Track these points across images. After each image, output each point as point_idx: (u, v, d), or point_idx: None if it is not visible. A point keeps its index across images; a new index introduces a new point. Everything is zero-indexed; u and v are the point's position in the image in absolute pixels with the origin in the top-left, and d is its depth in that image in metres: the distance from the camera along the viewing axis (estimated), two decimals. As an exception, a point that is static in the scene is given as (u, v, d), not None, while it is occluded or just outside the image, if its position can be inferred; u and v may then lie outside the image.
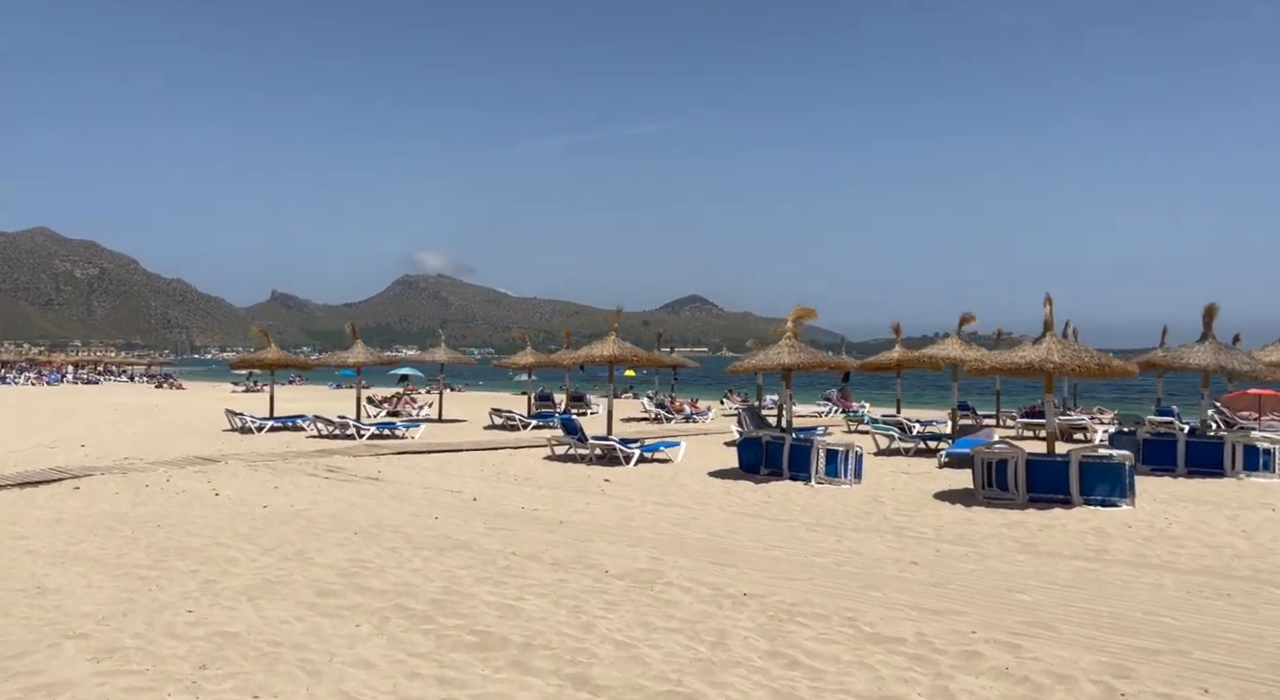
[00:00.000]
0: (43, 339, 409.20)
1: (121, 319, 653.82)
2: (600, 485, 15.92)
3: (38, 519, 12.62)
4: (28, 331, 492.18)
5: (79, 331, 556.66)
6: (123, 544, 10.85)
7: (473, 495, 14.66)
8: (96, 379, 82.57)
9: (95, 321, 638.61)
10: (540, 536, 11.15)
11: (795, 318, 16.49)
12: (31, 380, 73.58)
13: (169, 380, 73.87)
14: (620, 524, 11.97)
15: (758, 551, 10.07)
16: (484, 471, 17.91)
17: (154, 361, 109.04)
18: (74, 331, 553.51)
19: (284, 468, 18.15)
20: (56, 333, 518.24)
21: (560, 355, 20.80)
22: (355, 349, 27.86)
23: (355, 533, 11.47)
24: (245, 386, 63.20)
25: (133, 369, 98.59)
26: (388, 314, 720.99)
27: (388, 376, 57.90)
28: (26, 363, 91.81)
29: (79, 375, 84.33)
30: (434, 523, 12.20)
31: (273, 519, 12.54)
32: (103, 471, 17.22)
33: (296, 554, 10.22)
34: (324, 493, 14.97)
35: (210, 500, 14.23)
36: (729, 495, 14.64)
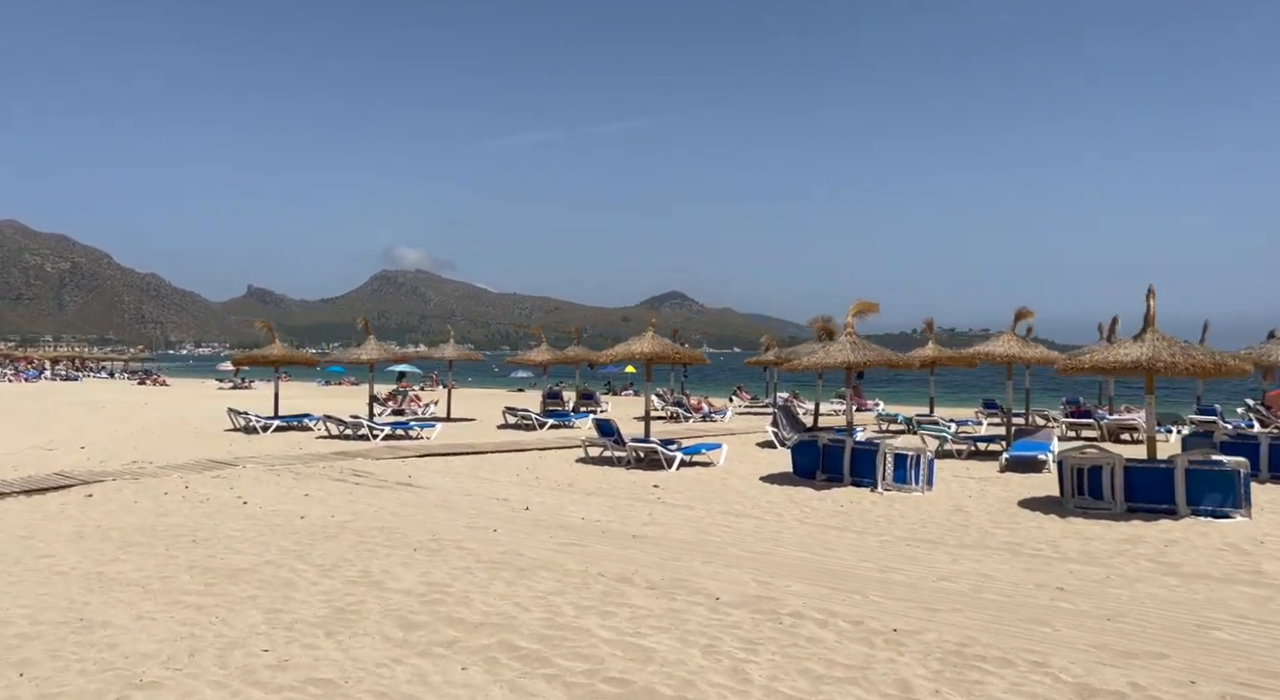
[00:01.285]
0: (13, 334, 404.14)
1: (94, 314, 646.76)
2: (651, 492, 14.97)
3: (57, 533, 11.55)
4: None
5: (50, 327, 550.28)
6: (161, 563, 9.80)
7: (523, 504, 13.67)
8: (76, 375, 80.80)
9: (67, 316, 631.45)
10: (619, 553, 10.18)
11: (856, 312, 15.55)
12: (9, 377, 71.81)
13: (152, 377, 72.27)
14: (698, 539, 11.01)
15: (872, 574, 9.13)
16: (520, 476, 16.91)
17: (134, 357, 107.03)
18: (45, 327, 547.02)
19: (306, 472, 17.09)
20: (27, 328, 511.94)
21: (596, 353, 19.73)
22: (368, 345, 26.72)
23: (414, 549, 10.46)
24: (233, 383, 61.78)
25: (112, 365, 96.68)
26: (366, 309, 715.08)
27: (385, 373, 56.56)
28: (3, 358, 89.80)
29: (57, 371, 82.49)
30: (495, 536, 11.21)
31: (316, 532, 11.51)
32: (114, 477, 16.12)
33: (361, 576, 9.20)
34: (361, 501, 13.93)
35: (239, 510, 13.18)
36: (794, 504, 13.71)
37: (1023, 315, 18.41)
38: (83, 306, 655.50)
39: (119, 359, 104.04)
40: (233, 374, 65.81)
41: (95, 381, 75.05)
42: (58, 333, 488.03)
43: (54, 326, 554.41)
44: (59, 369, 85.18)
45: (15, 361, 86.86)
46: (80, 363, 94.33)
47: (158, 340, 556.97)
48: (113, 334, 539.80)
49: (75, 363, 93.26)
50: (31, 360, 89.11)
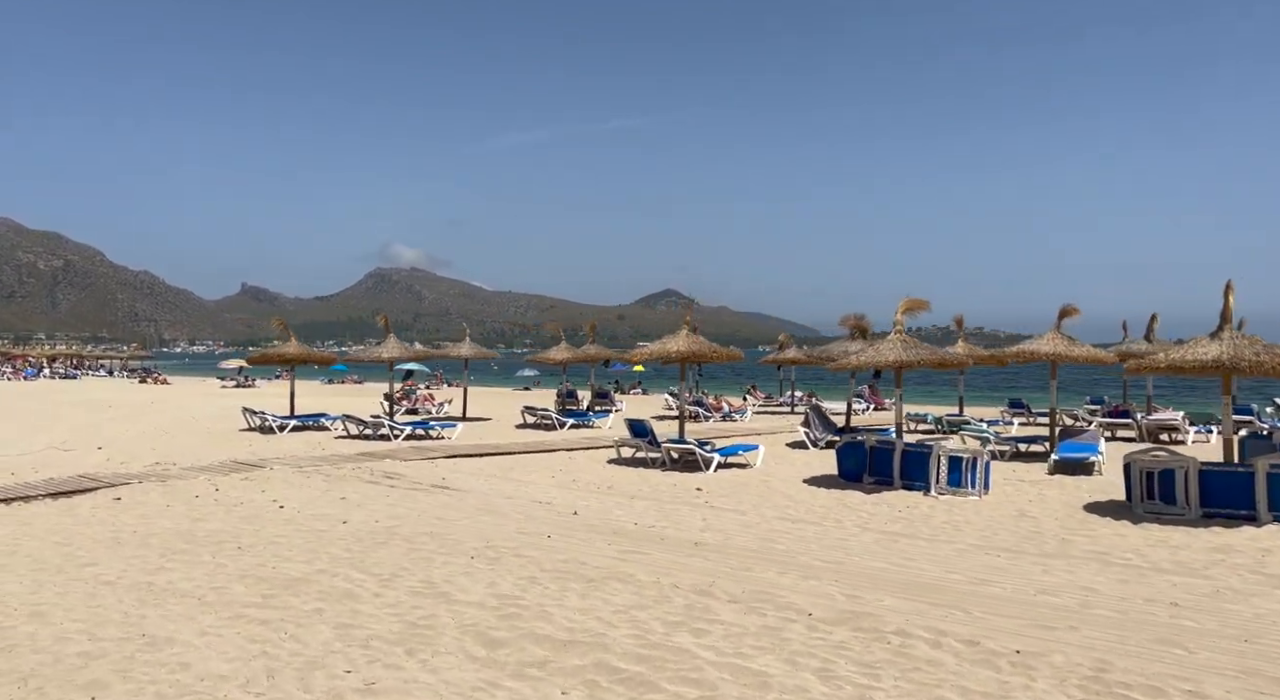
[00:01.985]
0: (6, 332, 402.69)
1: (87, 312, 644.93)
2: (695, 495, 14.53)
3: (93, 538, 11.08)
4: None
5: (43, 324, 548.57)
6: (211, 572, 9.34)
7: (568, 508, 13.23)
8: (74, 374, 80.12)
9: (60, 314, 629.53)
10: (685, 563, 9.73)
11: (905, 310, 15.09)
12: (9, 375, 71.14)
13: (152, 375, 71.66)
14: (762, 547, 10.55)
15: (963, 586, 8.68)
16: (555, 477, 16.47)
17: (133, 355, 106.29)
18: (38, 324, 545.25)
19: (337, 474, 16.62)
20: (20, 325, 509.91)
21: (633, 352, 19.25)
22: (389, 343, 26.22)
23: (471, 557, 10.01)
24: (236, 381, 61.20)
25: (111, 363, 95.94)
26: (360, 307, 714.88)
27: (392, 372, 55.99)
28: (1, 357, 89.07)
29: (56, 370, 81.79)
30: (550, 543, 10.77)
31: (364, 538, 11.06)
32: (139, 480, 15.65)
33: (425, 586, 8.75)
34: (400, 505, 13.48)
35: (277, 514, 12.72)
36: (848, 508, 13.28)
37: (1067, 313, 17.95)
38: (76, 304, 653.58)
39: (118, 357, 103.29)
40: (235, 372, 65.21)
41: (94, 380, 74.44)
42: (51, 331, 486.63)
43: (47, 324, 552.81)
44: (57, 367, 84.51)
45: (13, 360, 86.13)
46: (79, 361, 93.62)
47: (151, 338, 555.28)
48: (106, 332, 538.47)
49: (73, 361, 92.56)
50: (30, 358, 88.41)
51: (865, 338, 21.26)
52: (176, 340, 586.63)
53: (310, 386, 62.57)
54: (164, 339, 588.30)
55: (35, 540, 11.01)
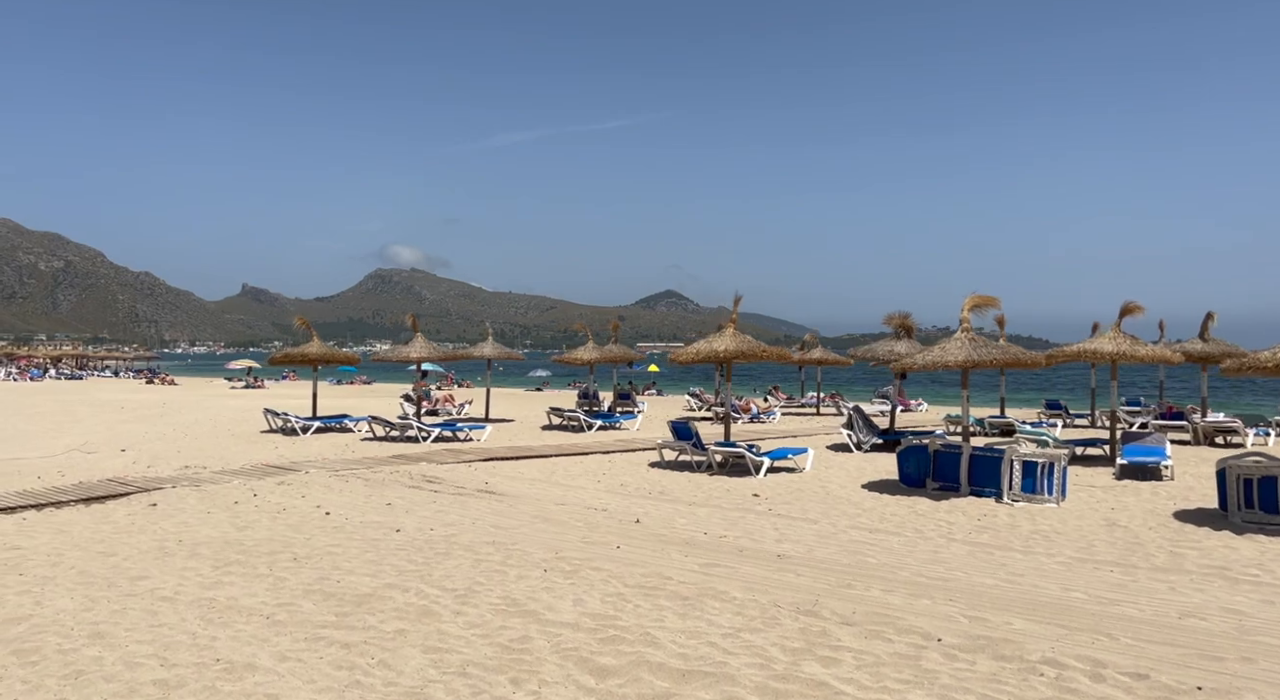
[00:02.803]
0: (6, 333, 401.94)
1: (88, 312, 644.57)
2: (753, 502, 13.91)
3: (137, 548, 10.46)
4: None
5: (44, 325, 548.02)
6: (272, 587, 8.72)
7: (628, 515, 12.60)
8: (80, 374, 79.45)
9: (60, 315, 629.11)
10: (776, 578, 9.10)
11: (972, 306, 14.43)
12: (14, 376, 70.48)
13: (159, 375, 70.99)
14: (853, 560, 9.91)
15: (1091, 606, 8.04)
16: (601, 482, 15.85)
17: (139, 356, 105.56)
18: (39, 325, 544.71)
19: (375, 478, 16.01)
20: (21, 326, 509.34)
21: (677, 352, 18.59)
22: (415, 342, 25.57)
23: (545, 569, 9.38)
24: (245, 382, 60.56)
25: (117, 364, 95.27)
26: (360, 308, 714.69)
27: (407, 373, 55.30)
28: (4, 357, 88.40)
29: (61, 370, 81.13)
30: (623, 554, 10.15)
31: (423, 548, 10.44)
32: (172, 484, 15.03)
33: (507, 604, 8.12)
34: (451, 511, 12.86)
35: (324, 521, 12.10)
36: (921, 515, 12.65)
37: (1130, 310, 17.29)
38: (76, 305, 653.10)
39: (123, 358, 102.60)
40: (244, 373, 64.57)
41: (100, 380, 73.76)
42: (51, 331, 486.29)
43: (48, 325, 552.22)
44: (63, 368, 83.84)
45: (18, 360, 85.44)
46: (83, 361, 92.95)
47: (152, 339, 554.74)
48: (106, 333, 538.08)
49: (78, 361, 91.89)
50: (36, 359, 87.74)
51: (911, 336, 20.64)
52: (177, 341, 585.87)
53: (320, 386, 61.98)
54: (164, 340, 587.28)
55: (78, 550, 10.39)
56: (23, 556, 10.07)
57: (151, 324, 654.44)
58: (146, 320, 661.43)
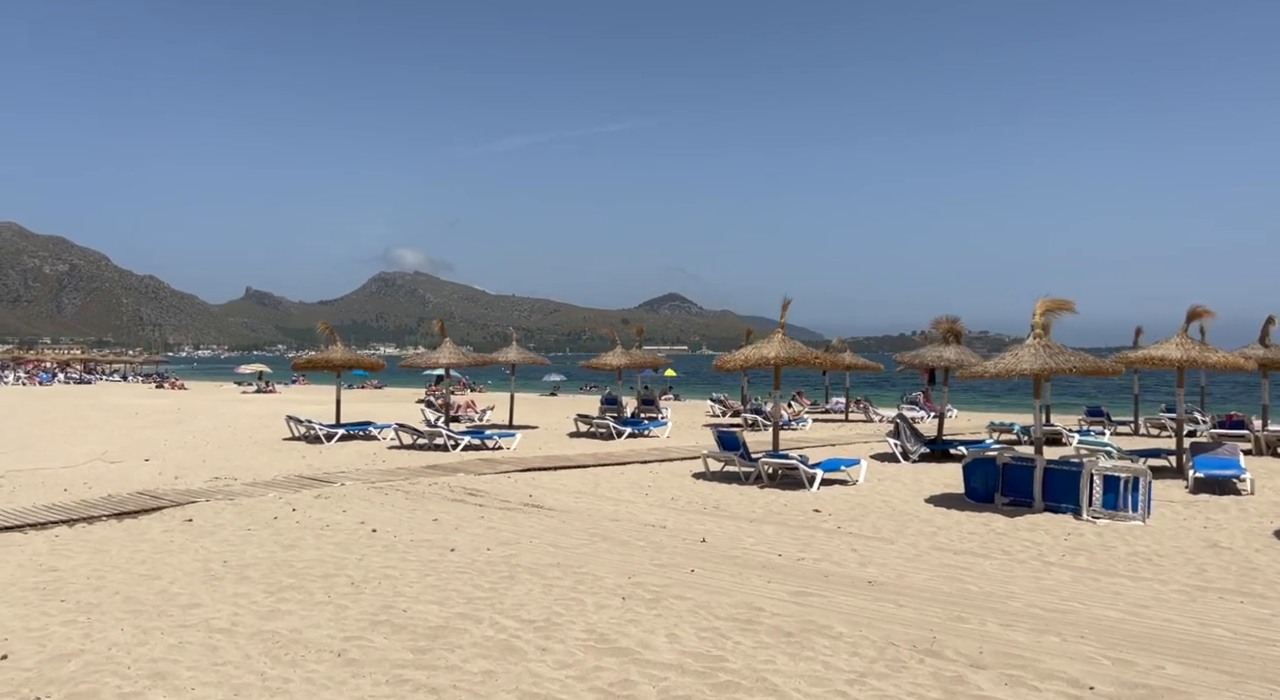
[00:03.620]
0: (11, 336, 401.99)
1: (92, 316, 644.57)
2: (817, 519, 13.26)
3: (181, 570, 9.83)
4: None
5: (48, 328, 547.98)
6: (336, 617, 8.08)
7: (690, 534, 11.95)
8: (88, 379, 78.89)
9: (65, 318, 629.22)
10: (878, 608, 8.44)
11: (1045, 310, 13.76)
12: (23, 380, 69.91)
13: (169, 380, 70.43)
14: (954, 588, 9.22)
15: (1248, 646, 7.31)
16: (649, 496, 15.21)
17: (149, 360, 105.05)
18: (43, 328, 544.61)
19: (414, 490, 15.38)
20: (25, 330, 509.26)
21: (726, 357, 17.93)
22: (444, 348, 24.93)
23: (623, 597, 8.74)
24: (257, 387, 59.97)
25: (125, 368, 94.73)
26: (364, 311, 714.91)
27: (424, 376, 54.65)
28: (12, 361, 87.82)
29: (70, 375, 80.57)
30: (700, 579, 9.51)
31: (485, 570, 9.81)
32: (205, 497, 14.40)
33: (595, 639, 7.48)
34: (503, 528, 12.22)
35: (372, 539, 11.47)
36: (1002, 535, 11.99)
37: (1198, 315, 16.61)
38: (81, 308, 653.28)
39: (131, 361, 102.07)
40: (255, 377, 63.97)
41: (110, 385, 73.24)
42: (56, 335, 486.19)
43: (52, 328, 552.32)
44: (71, 372, 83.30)
45: (26, 364, 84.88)
46: (92, 365, 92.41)
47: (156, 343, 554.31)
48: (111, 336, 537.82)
49: (86, 365, 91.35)
50: (44, 363, 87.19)
51: (959, 341, 19.98)
52: (181, 345, 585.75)
53: (328, 391, 61.36)
54: (168, 343, 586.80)
55: (119, 572, 9.76)
56: (62, 579, 9.45)
57: (155, 328, 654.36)
58: (150, 324, 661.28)
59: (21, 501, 14.26)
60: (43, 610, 8.33)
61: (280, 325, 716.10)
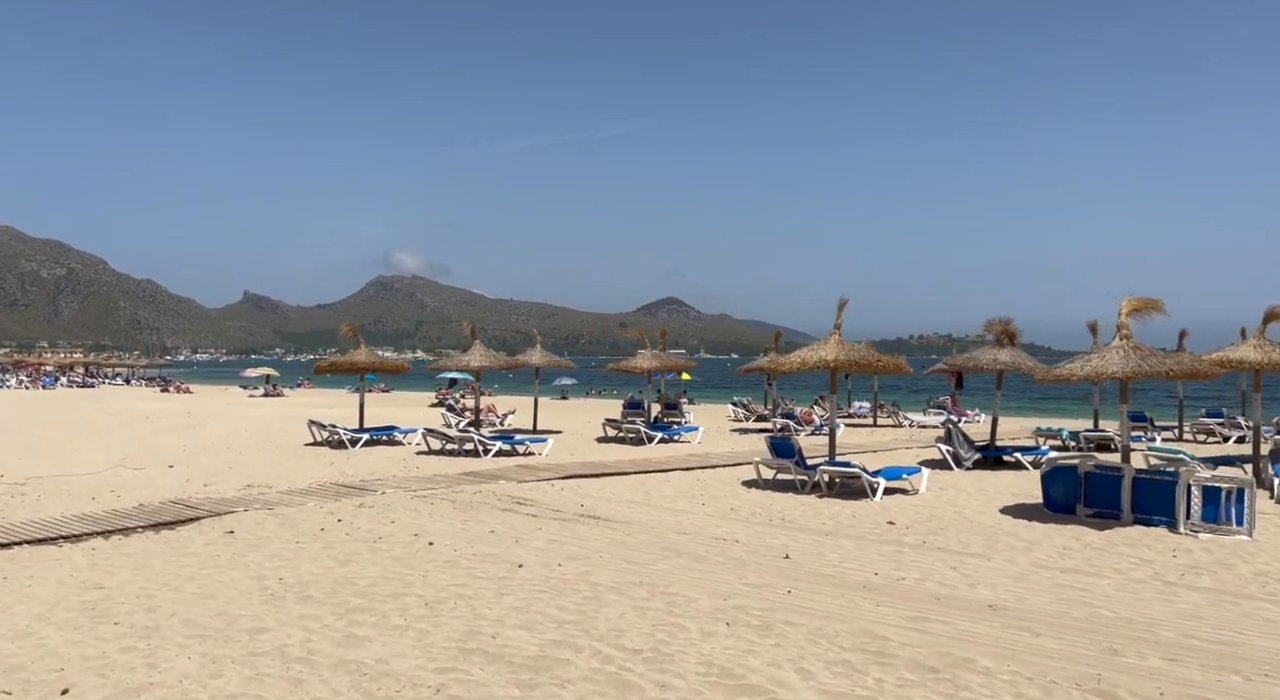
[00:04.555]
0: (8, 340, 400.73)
1: (90, 320, 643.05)
2: (893, 531, 12.54)
3: (236, 588, 9.09)
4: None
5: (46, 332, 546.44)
6: (420, 644, 7.36)
7: (769, 549, 11.22)
8: (91, 383, 78.04)
9: (62, 322, 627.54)
10: (1014, 639, 7.68)
11: (1131, 310, 13.03)
12: (26, 384, 69.07)
13: (173, 384, 69.61)
14: (1084, 614, 8.41)
15: None
16: (705, 505, 14.48)
17: (152, 364, 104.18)
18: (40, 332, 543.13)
19: (459, 499, 14.65)
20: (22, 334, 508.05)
21: (780, 359, 17.20)
22: (474, 350, 24.18)
23: (727, 623, 8.00)
24: (264, 390, 59.16)
25: (129, 372, 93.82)
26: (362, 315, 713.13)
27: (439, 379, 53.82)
28: (13, 365, 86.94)
29: (72, 378, 79.72)
30: (799, 602, 8.78)
31: (564, 589, 9.08)
32: (243, 506, 13.66)
33: (717, 673, 6.76)
34: (565, 540, 11.50)
35: (432, 554, 10.73)
36: (1101, 551, 11.27)
37: (1275, 316, 15.88)
38: (79, 312, 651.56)
39: (135, 365, 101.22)
40: (263, 381, 63.18)
41: (114, 389, 72.42)
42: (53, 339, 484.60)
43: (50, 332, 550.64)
44: (74, 376, 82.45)
45: (28, 368, 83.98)
46: (94, 369, 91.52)
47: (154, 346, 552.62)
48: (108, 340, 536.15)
49: (88, 369, 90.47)
50: (46, 366, 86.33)
51: (1014, 343, 19.24)
52: (179, 348, 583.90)
53: (336, 395, 60.60)
54: (166, 347, 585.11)
55: (169, 591, 9.01)
56: (110, 599, 8.70)
57: (153, 331, 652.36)
58: (148, 328, 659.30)
59: (50, 510, 13.52)
60: (97, 635, 7.59)
61: (278, 329, 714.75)
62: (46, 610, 8.34)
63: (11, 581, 9.37)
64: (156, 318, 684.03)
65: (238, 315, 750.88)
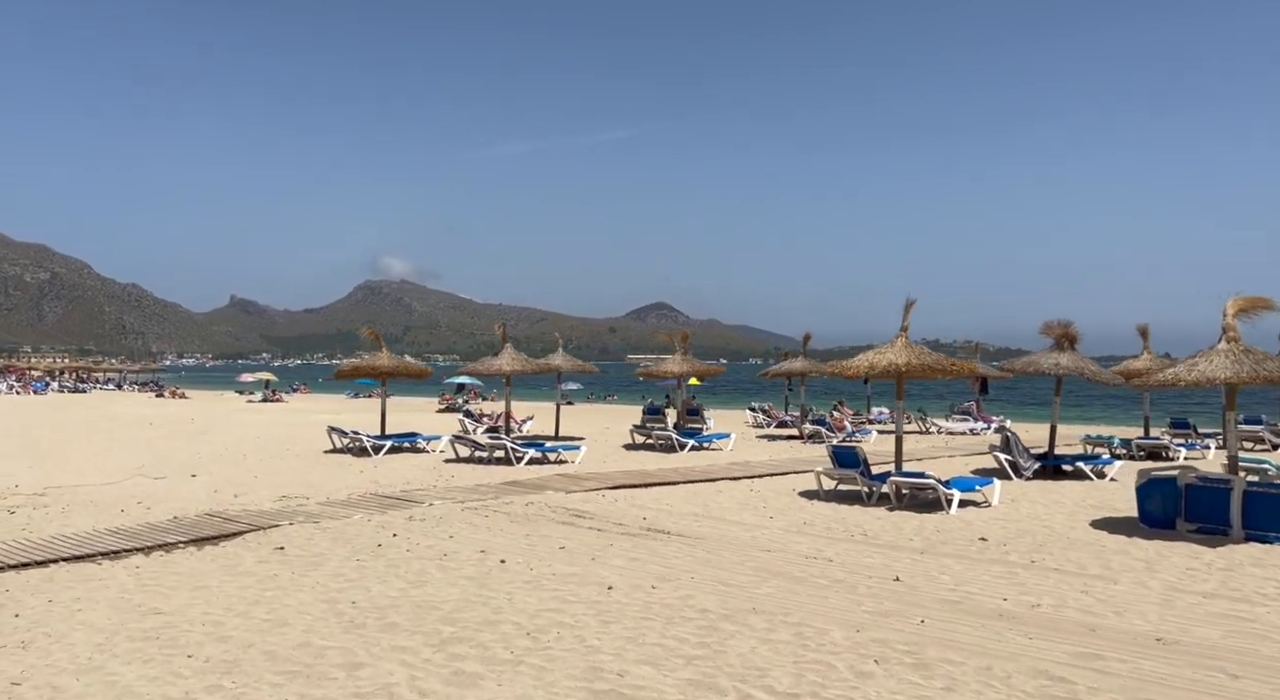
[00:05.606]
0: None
1: (74, 324, 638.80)
2: (989, 548, 11.71)
3: (308, 613, 8.20)
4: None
5: (29, 337, 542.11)
6: (541, 683, 6.55)
7: (879, 572, 10.32)
8: (83, 387, 76.70)
9: (46, 327, 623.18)
10: (1205, 679, 6.83)
11: (1238, 311, 12.23)
12: (17, 389, 67.73)
13: (169, 389, 68.40)
14: (1277, 652, 7.58)
15: None
16: (774, 519, 13.64)
17: (145, 369, 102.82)
18: (24, 337, 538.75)
19: (514, 511, 13.78)
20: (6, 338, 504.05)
21: (844, 364, 16.36)
22: (505, 354, 23.28)
23: (876, 661, 7.15)
24: (263, 396, 58.07)
25: (120, 377, 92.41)
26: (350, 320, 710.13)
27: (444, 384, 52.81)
28: (3, 369, 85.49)
29: (64, 383, 78.34)
30: (942, 634, 7.94)
31: (669, 617, 8.25)
32: (287, 520, 12.77)
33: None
34: (645, 559, 10.66)
35: (508, 574, 9.88)
36: (1228, 572, 10.44)
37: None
38: (62, 317, 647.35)
39: (129, 369, 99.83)
40: (263, 386, 62.07)
41: (106, 394, 71.13)
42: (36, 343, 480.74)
43: (33, 337, 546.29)
44: (65, 381, 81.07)
45: (16, 372, 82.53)
46: (84, 374, 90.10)
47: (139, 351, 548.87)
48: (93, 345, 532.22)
49: (79, 374, 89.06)
50: (36, 371, 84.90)
51: (1074, 347, 18.44)
52: (165, 353, 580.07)
53: (336, 400, 59.60)
54: (152, 351, 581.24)
55: (235, 616, 8.13)
56: (173, 626, 7.80)
57: (139, 336, 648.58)
58: (133, 332, 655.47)
59: (78, 523, 12.60)
60: (172, 669, 6.70)
61: (265, 334, 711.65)
62: (106, 639, 7.44)
63: (58, 605, 8.47)
64: (142, 322, 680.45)
65: (224, 320, 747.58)
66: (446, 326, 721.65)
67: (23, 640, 7.42)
